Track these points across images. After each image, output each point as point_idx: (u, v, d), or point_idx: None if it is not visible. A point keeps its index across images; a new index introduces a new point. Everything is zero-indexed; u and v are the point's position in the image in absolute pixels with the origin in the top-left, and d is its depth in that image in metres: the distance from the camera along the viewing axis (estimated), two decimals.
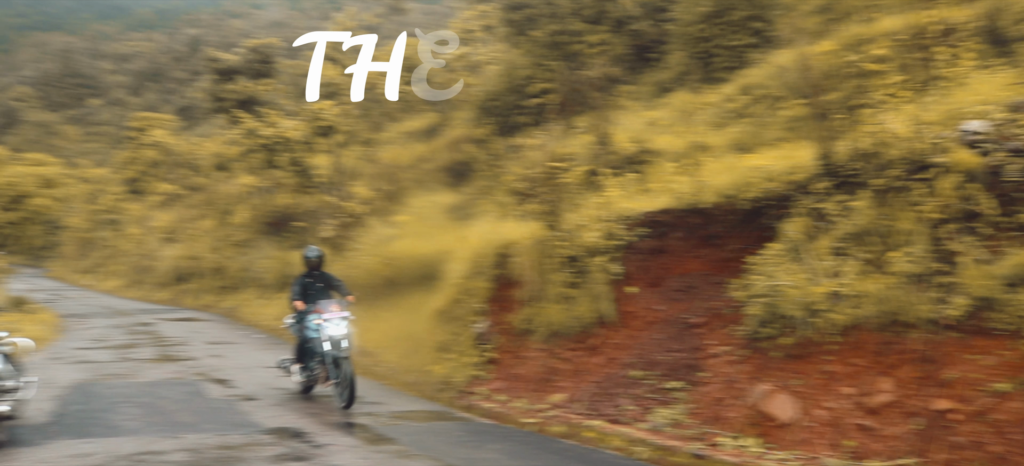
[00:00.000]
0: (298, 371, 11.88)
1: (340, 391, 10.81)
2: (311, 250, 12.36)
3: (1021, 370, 6.66)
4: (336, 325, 11.01)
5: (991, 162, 7.60)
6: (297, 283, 12.05)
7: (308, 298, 11.77)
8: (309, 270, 12.17)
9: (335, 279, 12.30)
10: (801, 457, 7.50)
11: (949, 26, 10.81)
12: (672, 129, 15.04)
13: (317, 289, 11.94)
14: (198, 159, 41.08)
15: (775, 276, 8.56)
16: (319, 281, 12.10)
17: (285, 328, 12.76)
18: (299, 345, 11.86)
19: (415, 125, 28.94)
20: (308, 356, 11.66)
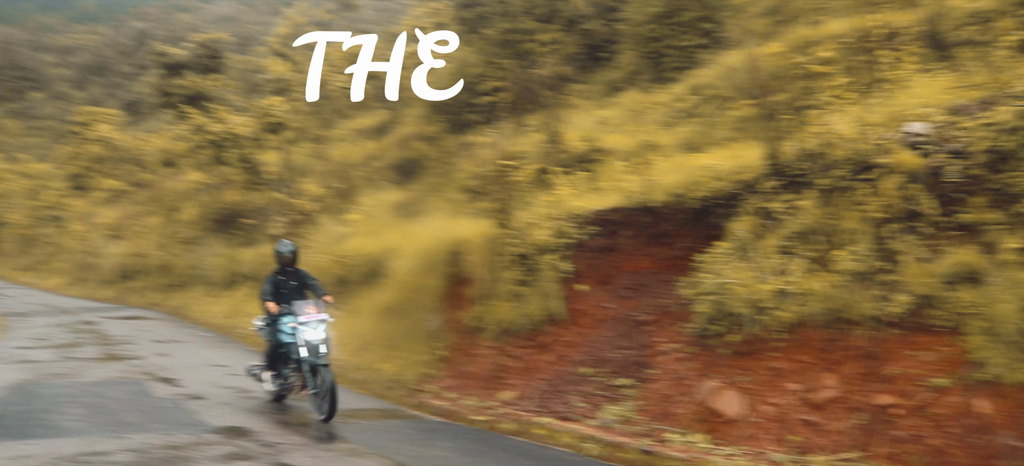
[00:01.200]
0: (270, 379, 10.93)
1: (318, 402, 9.88)
2: (284, 245, 11.21)
3: (959, 366, 6.81)
4: (314, 329, 10.11)
5: (932, 163, 7.77)
6: (268, 282, 10.92)
7: (281, 298, 10.70)
8: (282, 267, 11.03)
9: (310, 277, 11.16)
10: (748, 452, 7.59)
11: (892, 30, 11.03)
12: (622, 128, 15.15)
13: (291, 288, 10.87)
14: (144, 155, 40.37)
15: (723, 274, 8.66)
16: (293, 279, 10.99)
17: (255, 331, 11.75)
18: (271, 350, 10.84)
19: (366, 122, 28.78)
20: (282, 362, 10.72)
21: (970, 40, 9.81)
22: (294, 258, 11.13)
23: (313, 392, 10.02)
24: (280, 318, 10.59)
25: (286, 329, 10.48)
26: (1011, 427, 6.35)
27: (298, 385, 10.55)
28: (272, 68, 36.80)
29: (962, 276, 7.08)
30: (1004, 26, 8.63)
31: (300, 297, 10.76)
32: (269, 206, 23.36)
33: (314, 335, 10.09)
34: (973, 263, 7.05)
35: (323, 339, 10.12)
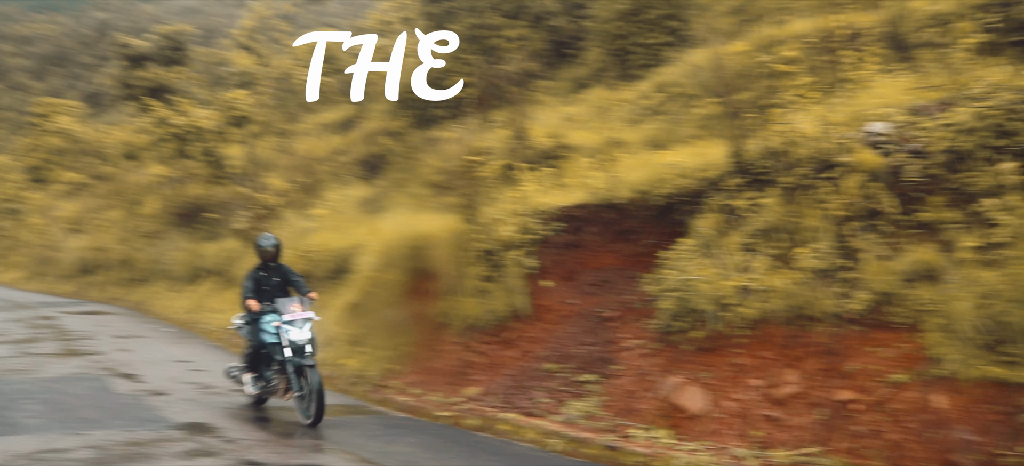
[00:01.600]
0: (251, 381, 10.35)
1: (305, 406, 9.46)
2: (266, 238, 10.55)
3: (917, 362, 6.92)
4: (299, 328, 9.66)
5: (892, 163, 7.88)
6: (249, 278, 10.32)
7: (262, 295, 10.13)
8: (264, 262, 10.44)
9: (294, 273, 10.60)
10: (711, 448, 7.66)
11: (855, 31, 11.17)
12: (588, 125, 15.19)
13: (273, 285, 10.31)
14: (106, 147, 39.87)
15: (687, 271, 8.72)
16: (275, 276, 10.42)
17: (233, 330, 11.25)
18: (252, 351, 10.28)
19: (331, 117, 28.62)
20: (264, 364, 10.19)
21: (930, 42, 9.95)
22: (277, 253, 10.53)
23: (298, 395, 9.57)
24: (262, 317, 10.04)
25: (269, 328, 9.92)
26: (966, 422, 6.47)
27: (282, 388, 9.98)
28: (236, 61, 36.55)
29: (920, 274, 7.18)
30: (963, 29, 8.76)
31: (283, 294, 10.26)
32: (233, 200, 23.17)
33: (299, 335, 9.64)
34: (931, 261, 7.16)
35: (309, 339, 9.70)
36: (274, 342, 9.83)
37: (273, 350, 9.87)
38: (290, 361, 9.60)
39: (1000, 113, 7.23)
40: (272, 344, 9.87)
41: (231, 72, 36.80)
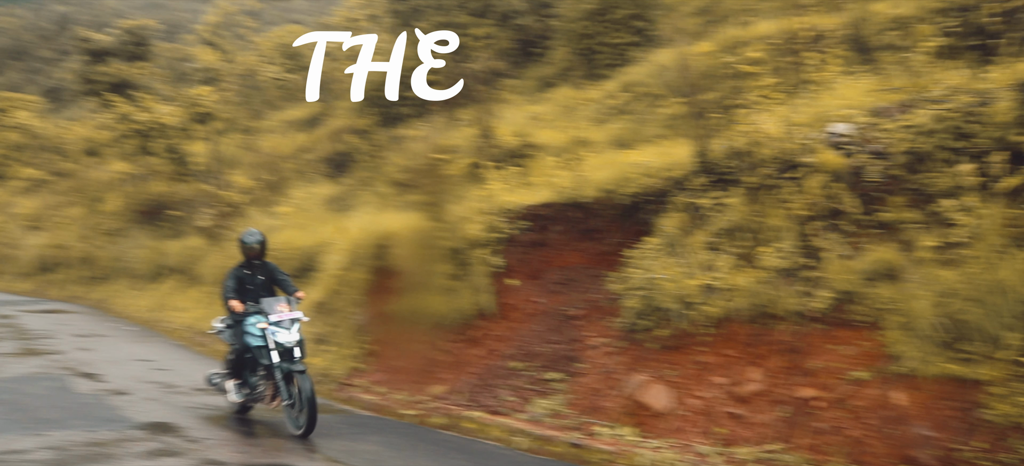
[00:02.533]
0: (235, 389, 9.74)
1: (294, 415, 8.87)
2: (250, 234, 9.86)
3: (877, 359, 7.02)
4: (286, 330, 9.06)
5: (854, 163, 7.97)
6: (231, 277, 9.67)
7: (246, 295, 9.54)
8: (247, 260, 9.76)
9: (279, 272, 9.93)
10: (675, 445, 7.72)
11: (818, 33, 11.29)
12: (554, 124, 15.23)
13: (258, 284, 9.67)
14: (66, 143, 39.29)
15: (652, 269, 8.78)
16: (260, 274, 9.76)
17: (214, 334, 10.62)
18: (236, 356, 9.64)
19: (296, 114, 28.44)
20: (248, 370, 9.58)
21: (891, 45, 10.08)
22: (262, 250, 9.83)
23: (287, 403, 8.94)
24: (246, 318, 9.42)
25: (254, 331, 9.29)
26: (925, 418, 6.57)
27: (268, 395, 9.40)
28: (201, 57, 36.20)
29: (881, 273, 7.28)
30: (923, 32, 8.89)
31: (268, 294, 9.66)
32: (197, 198, 22.95)
33: (288, 337, 9.04)
34: (892, 260, 7.26)
35: (298, 341, 9.10)
36: (260, 346, 9.22)
37: (259, 354, 9.25)
38: (278, 366, 9.00)
39: (958, 116, 7.35)
40: (258, 348, 9.25)
41: (195, 68, 36.45)
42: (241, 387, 9.72)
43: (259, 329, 9.22)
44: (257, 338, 9.25)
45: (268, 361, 9.13)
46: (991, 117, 7.12)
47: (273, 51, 32.28)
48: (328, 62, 27.26)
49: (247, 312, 9.39)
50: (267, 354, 9.13)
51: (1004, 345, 6.34)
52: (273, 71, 30.85)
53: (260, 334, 9.21)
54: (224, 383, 10.00)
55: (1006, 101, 7.09)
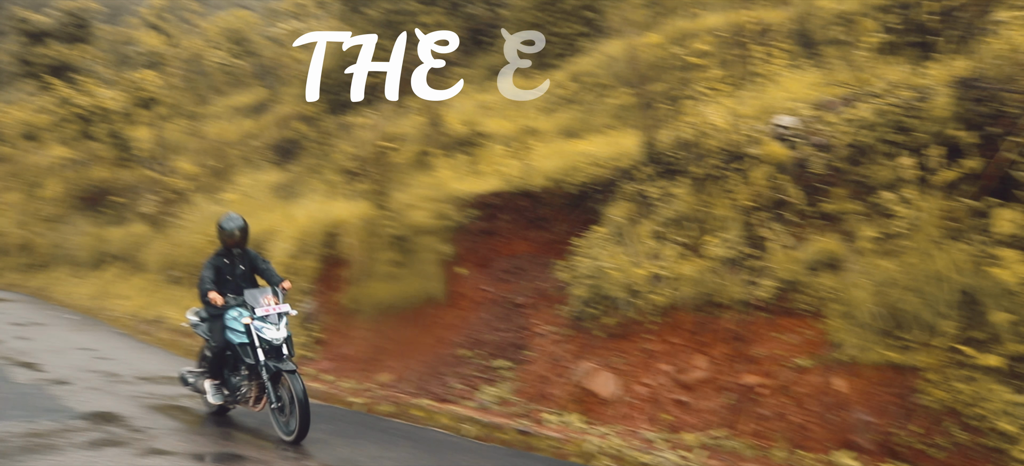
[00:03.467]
0: (213, 390, 8.83)
1: (283, 419, 8.08)
2: (230, 219, 8.86)
3: (819, 347, 7.17)
4: (273, 325, 8.23)
5: (798, 155, 8.12)
6: (209, 267, 8.74)
7: (225, 286, 8.71)
8: (226, 248, 8.83)
9: (261, 260, 9.06)
10: (621, 431, 7.81)
11: (765, 26, 11.44)
12: (503, 113, 15.24)
13: (238, 274, 8.83)
14: (2, 127, 38.32)
15: (599, 258, 8.86)
16: (240, 263, 8.89)
17: (190, 328, 9.63)
18: (216, 353, 8.74)
19: (243, 100, 28.10)
20: (229, 368, 8.76)
21: (836, 39, 10.25)
22: (243, 237, 8.87)
23: (276, 407, 8.12)
24: (226, 312, 8.60)
25: (236, 326, 8.47)
26: (864, 404, 6.74)
27: (252, 396, 8.53)
28: (144, 40, 35.53)
29: (823, 262, 7.43)
30: (866, 27, 9.07)
31: (250, 284, 8.87)
32: (140, 184, 22.58)
33: (275, 333, 8.19)
34: (834, 250, 7.41)
35: (286, 338, 8.26)
36: (244, 343, 8.39)
37: (242, 352, 8.41)
38: (265, 366, 8.17)
39: (899, 110, 7.51)
40: (241, 345, 8.42)
41: (139, 52, 35.77)
42: (220, 388, 8.87)
43: (242, 324, 8.37)
44: (240, 334, 8.42)
45: (253, 360, 8.28)
46: (929, 112, 7.30)
47: (219, 36, 31.81)
48: (276, 49, 26.99)
49: (228, 305, 8.56)
50: (252, 352, 8.29)
51: (940, 333, 6.52)
52: (219, 56, 30.42)
53: (243, 330, 8.37)
54: (200, 383, 9.13)
55: (944, 97, 7.27)
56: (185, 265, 17.49)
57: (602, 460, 7.42)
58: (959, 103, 7.10)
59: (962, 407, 6.26)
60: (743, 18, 11.09)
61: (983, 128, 6.86)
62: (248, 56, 29.56)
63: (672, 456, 7.16)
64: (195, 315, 9.38)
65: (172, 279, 18.01)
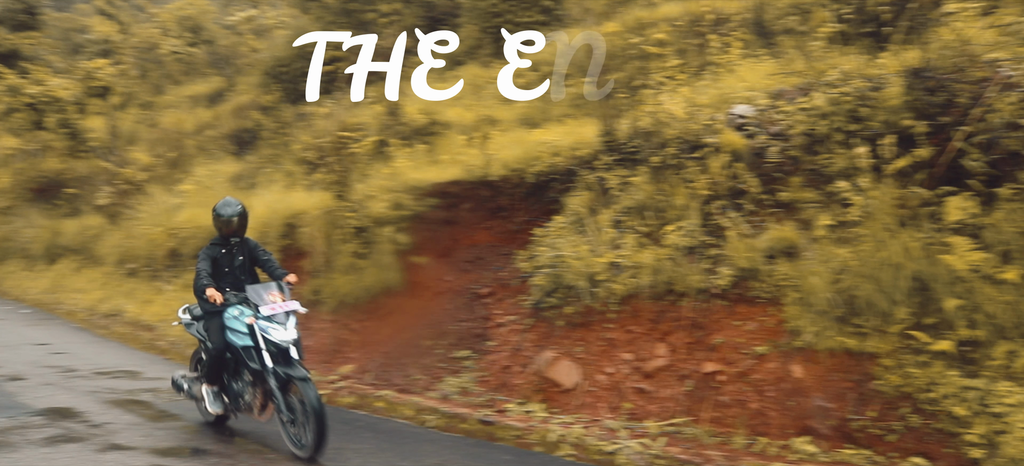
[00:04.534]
0: (212, 397, 7.96)
1: (295, 431, 7.19)
2: (228, 205, 7.92)
3: (777, 334, 7.28)
4: (281, 326, 7.29)
5: (755, 144, 8.22)
6: (204, 258, 7.83)
7: (222, 280, 7.85)
8: (223, 237, 7.92)
9: (262, 250, 8.16)
10: (583, 420, 7.86)
11: (721, 16, 11.55)
12: (462, 102, 15.23)
13: (237, 267, 7.95)
14: None
15: (560, 248, 8.90)
16: (239, 253, 7.99)
17: (181, 326, 8.85)
18: (214, 357, 7.81)
19: (199, 89, 27.74)
20: (230, 373, 7.92)
21: (791, 29, 10.38)
22: (242, 224, 7.93)
23: (286, 419, 7.21)
24: (225, 310, 7.75)
25: (238, 326, 7.60)
26: (821, 390, 6.86)
27: (258, 404, 7.68)
28: (96, 28, 34.91)
29: (780, 250, 7.55)
30: (820, 18, 9.19)
31: (250, 278, 8.02)
32: (94, 175, 22.23)
33: (283, 334, 7.25)
34: (790, 238, 7.52)
35: (295, 339, 7.33)
36: (247, 345, 7.50)
37: (246, 356, 7.52)
38: (272, 372, 7.26)
39: (852, 99, 7.64)
40: (244, 348, 7.52)
41: (90, 40, 35.16)
42: (220, 395, 8.02)
43: (245, 324, 7.49)
44: (242, 335, 7.54)
45: (258, 365, 7.40)
46: (882, 102, 7.43)
47: (173, 23, 31.36)
48: (232, 37, 26.67)
49: (227, 302, 7.67)
50: (257, 356, 7.40)
51: (894, 319, 6.65)
52: (174, 44, 30.00)
53: (246, 330, 7.47)
54: (196, 389, 8.34)
55: (896, 86, 7.40)
56: (142, 257, 17.29)
57: (564, 449, 7.47)
58: (911, 93, 7.23)
59: (915, 392, 6.40)
60: (700, 8, 11.19)
61: (934, 118, 7.00)
62: (203, 44, 29.18)
63: (634, 444, 7.23)
64: (187, 313, 8.58)
65: (129, 272, 17.78)
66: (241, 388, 7.77)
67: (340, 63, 16.56)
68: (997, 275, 6.32)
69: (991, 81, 6.81)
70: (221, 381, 8.01)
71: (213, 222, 7.94)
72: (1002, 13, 7.76)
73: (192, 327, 8.47)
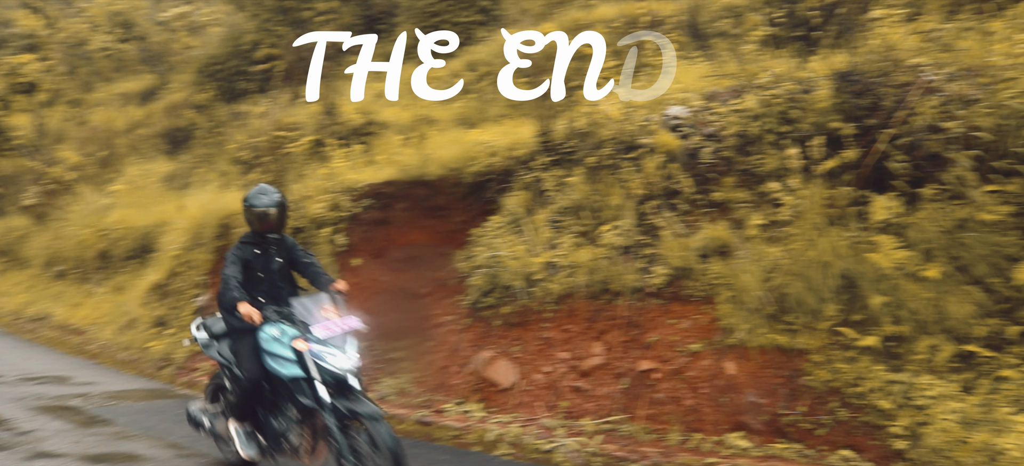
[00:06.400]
0: (244, 438, 6.44)
1: None
2: (264, 192, 6.44)
3: (711, 332, 7.40)
4: (339, 349, 5.81)
5: (689, 145, 8.35)
6: (233, 260, 6.28)
7: (255, 288, 6.35)
8: (258, 234, 6.43)
9: (302, 251, 6.68)
10: (521, 419, 7.91)
11: (657, 18, 11.69)
12: (399, 101, 15.18)
13: (274, 271, 6.49)
14: None
15: (496, 247, 8.93)
16: (278, 254, 6.53)
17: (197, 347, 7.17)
18: (246, 389, 6.25)
19: (130, 87, 27.16)
20: (267, 408, 6.35)
21: (724, 32, 10.56)
22: (281, 217, 6.45)
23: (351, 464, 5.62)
24: (260, 329, 6.23)
25: (278, 349, 6.09)
26: (754, 386, 7.00)
27: (306, 446, 6.20)
28: (21, 22, 33.95)
29: (714, 249, 7.68)
30: (753, 21, 9.37)
31: (288, 285, 6.59)
32: (20, 174, 21.65)
33: (344, 362, 5.76)
34: (723, 238, 7.66)
35: (356, 366, 5.84)
36: (296, 376, 5.96)
37: (295, 389, 5.99)
38: (331, 408, 5.71)
39: (783, 101, 7.81)
40: (294, 380, 5.99)
41: (15, 34, 34.20)
42: (254, 434, 6.48)
43: (289, 347, 6.00)
44: (288, 363, 6.01)
45: (311, 400, 5.87)
46: (812, 104, 7.62)
47: (104, 19, 30.65)
48: (165, 33, 26.17)
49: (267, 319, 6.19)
50: (308, 389, 5.89)
51: (823, 316, 6.82)
52: (104, 40, 29.32)
53: (293, 356, 5.97)
54: (220, 425, 6.82)
55: (824, 90, 7.59)
56: (70, 259, 16.90)
57: (502, 448, 7.51)
58: (839, 96, 7.42)
59: (844, 386, 6.57)
60: (636, 10, 11.31)
61: (861, 120, 7.20)
62: (135, 40, 28.57)
63: (571, 442, 7.30)
64: (203, 331, 6.98)
65: (57, 274, 17.37)
66: (284, 426, 6.23)
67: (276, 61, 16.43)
68: (920, 273, 6.53)
69: (914, 85, 7.02)
70: (255, 417, 6.43)
71: (244, 215, 6.47)
72: (924, 20, 8.00)
73: (212, 348, 6.85)
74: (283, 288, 6.49)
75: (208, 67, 21.17)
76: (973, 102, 6.79)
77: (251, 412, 6.39)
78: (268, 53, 17.06)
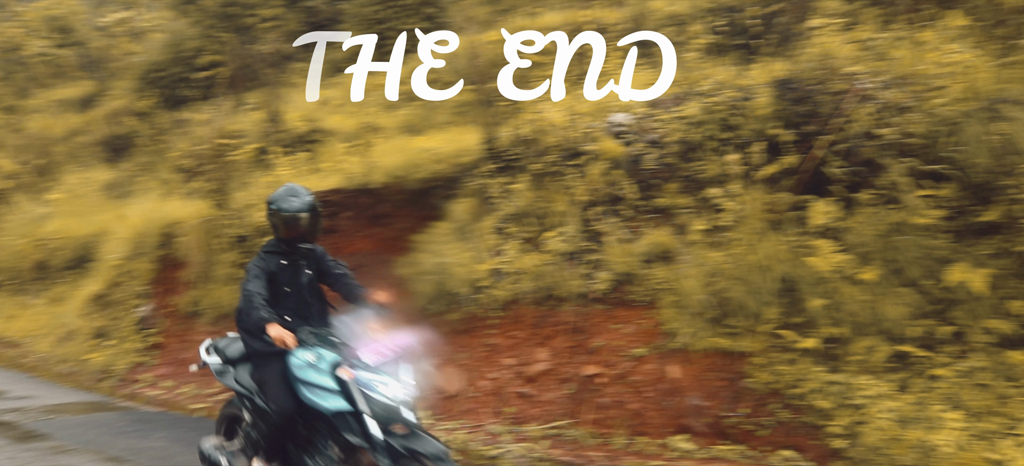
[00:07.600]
0: None
1: None
2: (296, 193, 5.63)
3: (654, 336, 7.48)
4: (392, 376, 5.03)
5: (633, 152, 8.43)
6: (257, 272, 5.49)
7: (282, 306, 5.50)
8: (286, 242, 5.63)
9: (333, 262, 5.85)
10: (467, 425, 7.92)
11: (602, 25, 11.77)
12: (344, 109, 15.10)
13: (304, 286, 5.66)
14: None
15: (442, 254, 8.93)
16: (307, 266, 5.72)
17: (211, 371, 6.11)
18: (274, 424, 5.33)
19: (69, 93, 26.62)
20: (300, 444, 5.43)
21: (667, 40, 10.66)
22: (314, 223, 5.62)
23: None
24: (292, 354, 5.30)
25: (315, 378, 5.18)
26: (696, 389, 7.09)
27: None
28: None
29: (657, 255, 7.76)
30: (695, 30, 9.50)
31: (319, 303, 5.72)
32: None
33: (399, 391, 4.98)
34: (666, 243, 7.74)
35: (412, 397, 5.05)
36: (341, 410, 5.07)
37: (340, 425, 5.10)
38: (384, 447, 4.88)
39: (724, 109, 7.94)
40: (338, 414, 5.10)
41: None
42: None
43: (328, 374, 5.13)
44: (330, 394, 5.12)
45: (359, 437, 5.01)
46: (752, 111, 7.74)
47: (41, 23, 30.03)
48: (104, 39, 25.71)
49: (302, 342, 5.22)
50: (357, 424, 5.01)
51: (764, 319, 6.94)
52: (41, 45, 28.72)
53: (334, 386, 5.10)
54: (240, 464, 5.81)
55: (764, 97, 7.72)
56: (6, 270, 16.52)
57: None
58: (778, 103, 7.56)
59: (784, 388, 6.69)
60: (580, 17, 11.38)
61: (800, 126, 7.34)
62: (74, 46, 28.03)
63: (517, 447, 7.32)
64: (216, 354, 6.03)
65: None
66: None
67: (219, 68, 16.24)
68: (857, 276, 6.67)
69: (850, 93, 7.18)
70: (284, 456, 5.46)
71: (269, 220, 5.65)
72: (861, 30, 8.18)
73: (227, 375, 5.87)
74: (313, 305, 5.65)
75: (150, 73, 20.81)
76: (906, 109, 6.96)
77: (279, 450, 5.43)
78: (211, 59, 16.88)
